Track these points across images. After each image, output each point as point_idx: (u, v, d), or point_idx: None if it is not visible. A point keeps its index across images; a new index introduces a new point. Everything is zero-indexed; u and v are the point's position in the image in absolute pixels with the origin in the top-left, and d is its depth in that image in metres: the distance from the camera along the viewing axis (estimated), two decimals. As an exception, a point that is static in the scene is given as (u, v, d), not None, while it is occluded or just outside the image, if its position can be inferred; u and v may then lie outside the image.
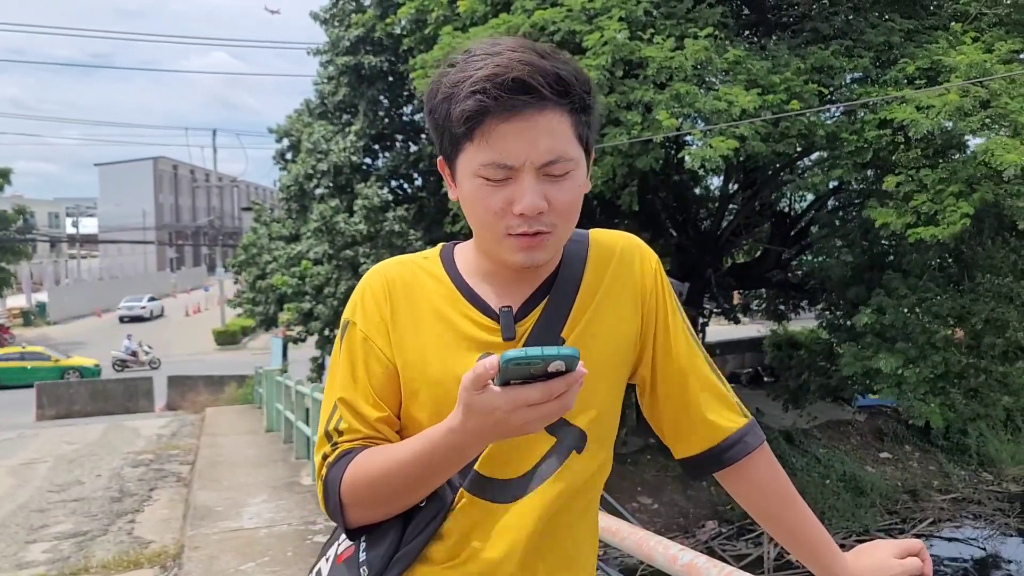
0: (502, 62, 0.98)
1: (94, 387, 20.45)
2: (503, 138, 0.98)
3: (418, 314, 1.10)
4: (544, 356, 0.83)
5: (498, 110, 0.97)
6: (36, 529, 7.65)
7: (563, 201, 1.02)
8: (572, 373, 0.86)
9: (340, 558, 1.09)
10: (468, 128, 0.99)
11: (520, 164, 0.99)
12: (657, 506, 13.12)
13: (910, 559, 1.14)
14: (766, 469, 1.17)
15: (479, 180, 1.01)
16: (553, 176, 1.01)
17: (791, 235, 15.55)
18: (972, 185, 8.55)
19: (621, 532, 2.12)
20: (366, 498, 1.03)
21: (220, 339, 32.61)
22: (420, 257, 1.16)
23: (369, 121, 15.46)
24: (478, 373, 0.86)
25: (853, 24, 10.75)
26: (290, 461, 9.80)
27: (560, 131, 1.00)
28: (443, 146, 1.06)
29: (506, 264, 1.06)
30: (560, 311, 1.09)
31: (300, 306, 15.11)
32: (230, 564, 5.60)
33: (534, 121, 0.98)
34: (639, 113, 9.31)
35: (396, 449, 1.02)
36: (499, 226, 1.02)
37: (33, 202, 57.45)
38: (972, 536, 13.43)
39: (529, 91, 0.97)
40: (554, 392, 0.86)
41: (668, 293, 1.17)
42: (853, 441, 16.52)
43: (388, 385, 1.09)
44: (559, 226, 1.03)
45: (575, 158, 1.03)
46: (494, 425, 0.89)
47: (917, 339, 9.68)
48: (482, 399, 0.87)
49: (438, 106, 1.03)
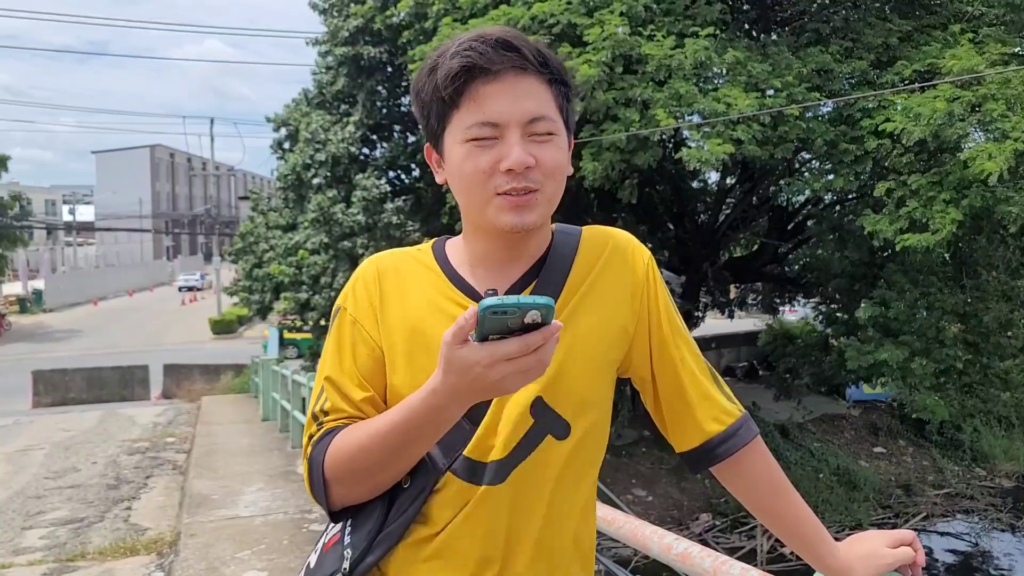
0: (483, 30, 1.05)
1: (90, 375, 20.42)
2: (488, 98, 1.03)
3: (407, 300, 1.13)
4: (520, 304, 0.85)
5: (486, 64, 1.02)
6: (32, 515, 7.66)
7: (549, 159, 1.06)
8: (548, 326, 0.87)
9: (327, 546, 1.11)
10: (455, 90, 1.04)
11: (506, 122, 1.03)
12: (651, 498, 13.17)
13: (902, 548, 1.16)
14: (760, 462, 1.20)
15: (468, 145, 1.05)
16: (538, 136, 1.05)
17: (788, 229, 15.57)
18: (962, 191, 8.56)
19: (616, 522, 2.13)
20: (347, 473, 1.05)
21: (216, 328, 32.57)
22: (414, 249, 1.20)
23: (367, 112, 15.43)
24: (459, 326, 0.88)
25: (852, 24, 10.73)
26: (286, 450, 9.82)
27: (542, 95, 1.06)
28: (430, 125, 1.10)
29: (495, 229, 1.08)
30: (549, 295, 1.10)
31: (297, 296, 15.11)
32: (226, 551, 5.62)
33: (515, 83, 1.04)
34: (637, 110, 9.30)
35: (375, 420, 1.04)
36: (488, 186, 1.05)
37: (30, 189, 57.25)
38: (964, 531, 13.50)
39: (512, 49, 1.03)
40: (531, 345, 0.87)
41: (661, 290, 1.19)
42: (847, 435, 16.59)
43: (374, 367, 1.11)
44: (546, 185, 1.06)
45: (557, 123, 1.07)
46: (473, 381, 0.90)
47: (924, 333, 9.70)
48: (461, 353, 0.89)
49: (424, 83, 1.08)
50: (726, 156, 8.79)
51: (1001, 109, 8.32)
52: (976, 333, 10.03)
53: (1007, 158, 7.82)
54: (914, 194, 8.84)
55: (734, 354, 21.21)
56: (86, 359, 23.63)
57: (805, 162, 12.65)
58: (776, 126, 9.37)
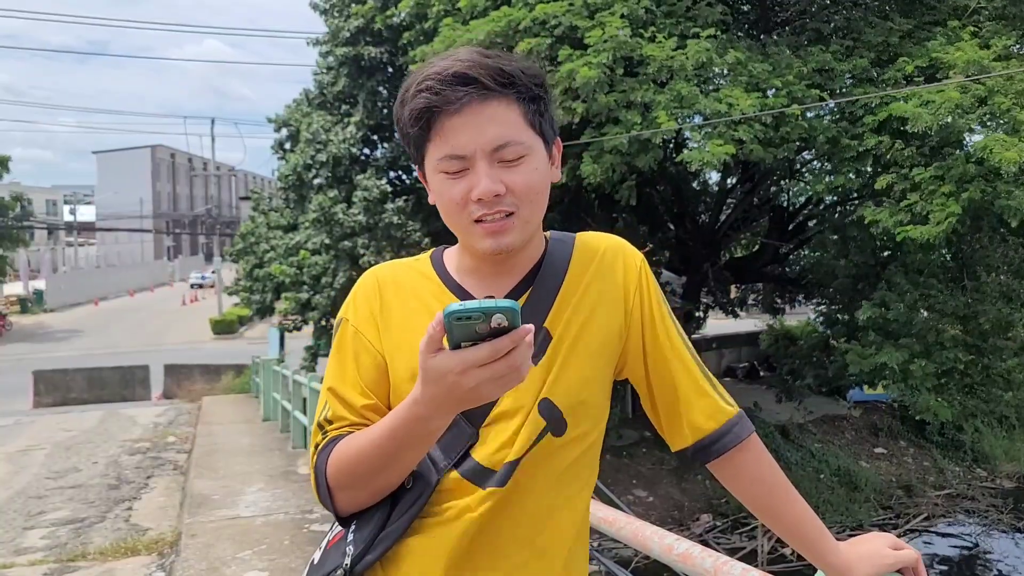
0: (446, 64, 1.05)
1: (90, 375, 20.43)
2: (453, 131, 1.06)
3: (407, 309, 1.15)
4: (483, 308, 0.85)
5: (443, 104, 1.04)
6: (33, 515, 7.67)
7: (520, 183, 1.07)
8: (516, 329, 0.87)
9: (331, 543, 1.14)
10: (422, 127, 1.07)
11: (471, 153, 1.06)
12: (652, 499, 13.17)
13: (905, 551, 1.17)
14: (756, 459, 1.21)
15: (440, 176, 1.09)
16: (507, 161, 1.07)
17: (789, 230, 15.56)
18: (963, 184, 8.56)
19: (617, 522, 2.14)
20: (348, 479, 1.07)
21: (217, 328, 32.59)
22: (412, 260, 1.24)
23: (368, 112, 15.43)
24: (430, 334, 0.89)
25: (852, 23, 10.73)
26: (287, 450, 9.83)
27: (507, 118, 1.07)
28: (412, 153, 1.14)
29: (479, 252, 1.11)
30: (543, 302, 1.14)
31: (298, 296, 15.11)
32: (227, 551, 5.62)
33: (478, 111, 1.05)
34: (638, 113, 9.29)
35: (372, 429, 1.06)
36: (464, 215, 1.08)
37: (31, 189, 57.27)
38: (966, 532, 13.49)
39: (469, 82, 1.04)
40: (500, 350, 0.87)
41: (654, 291, 1.21)
42: (848, 436, 16.58)
43: (377, 375, 1.14)
44: (522, 208, 1.08)
45: (527, 142, 1.08)
46: (449, 390, 0.90)
47: (924, 336, 9.69)
48: (435, 362, 0.89)
49: (399, 114, 1.11)
50: (728, 157, 8.78)
51: (1008, 103, 8.31)
52: (976, 334, 10.01)
53: (1021, 150, 7.80)
54: (916, 187, 8.82)
55: (735, 355, 21.20)
56: (87, 359, 23.65)
57: (806, 163, 12.66)
58: (778, 126, 9.37)
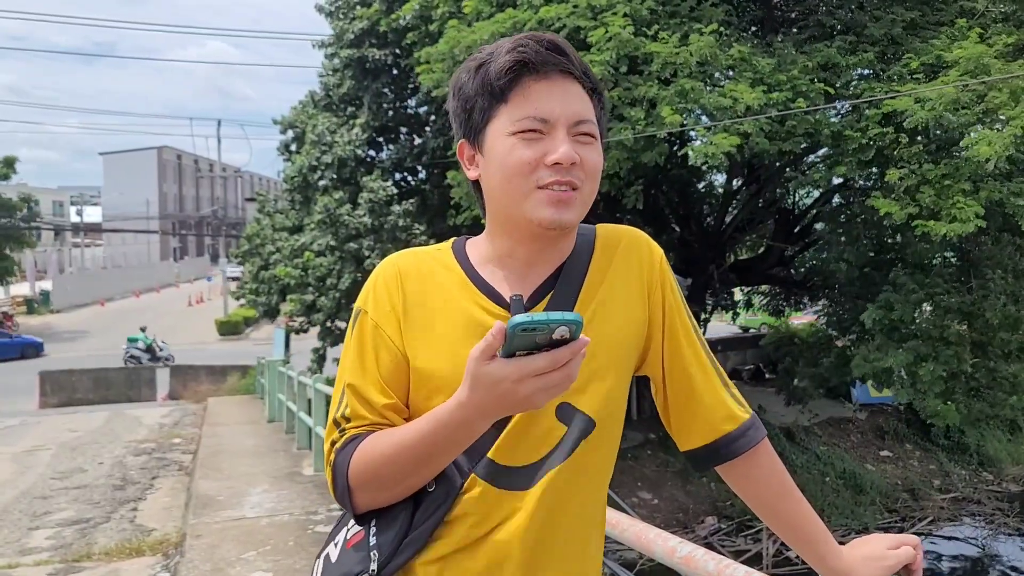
0: (535, 33, 1.09)
1: (96, 375, 20.50)
2: (539, 95, 1.07)
3: (429, 303, 1.12)
4: (549, 321, 0.85)
5: (536, 66, 1.07)
6: (39, 516, 7.69)
7: (591, 161, 1.09)
8: (575, 341, 0.88)
9: (350, 543, 1.10)
10: (506, 83, 1.07)
11: (555, 119, 1.07)
12: (657, 501, 13.15)
13: (903, 548, 1.17)
14: (766, 463, 1.20)
15: (514, 138, 1.07)
16: (583, 136, 1.08)
17: (795, 232, 15.54)
18: (977, 183, 8.53)
19: (620, 524, 2.13)
20: (372, 481, 1.05)
21: (222, 329, 32.67)
22: (433, 249, 1.19)
23: (373, 114, 15.47)
24: (487, 343, 0.89)
25: (857, 18, 10.72)
26: (292, 451, 9.84)
27: (586, 101, 1.11)
28: (472, 120, 1.11)
29: (532, 224, 1.08)
30: (568, 300, 1.12)
31: (303, 297, 15.14)
32: (231, 552, 5.63)
33: (564, 84, 1.09)
34: (643, 109, 9.30)
35: (402, 431, 1.04)
36: (531, 179, 1.06)
37: (37, 190, 57.44)
38: (971, 535, 13.45)
39: (562, 53, 1.08)
40: (559, 360, 0.88)
41: (673, 287, 1.20)
42: (854, 439, 16.54)
43: (397, 373, 1.11)
44: (586, 185, 1.09)
45: (597, 129, 1.12)
46: (500, 397, 0.91)
47: (928, 335, 9.66)
48: (489, 369, 0.89)
49: (468, 80, 1.11)
50: (733, 149, 8.76)
51: (1004, 98, 8.29)
52: (982, 333, 9.98)
53: (1005, 144, 7.79)
54: (927, 182, 8.79)
55: (740, 357, 21.17)
56: (93, 360, 23.73)
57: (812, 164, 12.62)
58: (783, 120, 9.37)
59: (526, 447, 1.07)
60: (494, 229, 1.14)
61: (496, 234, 1.14)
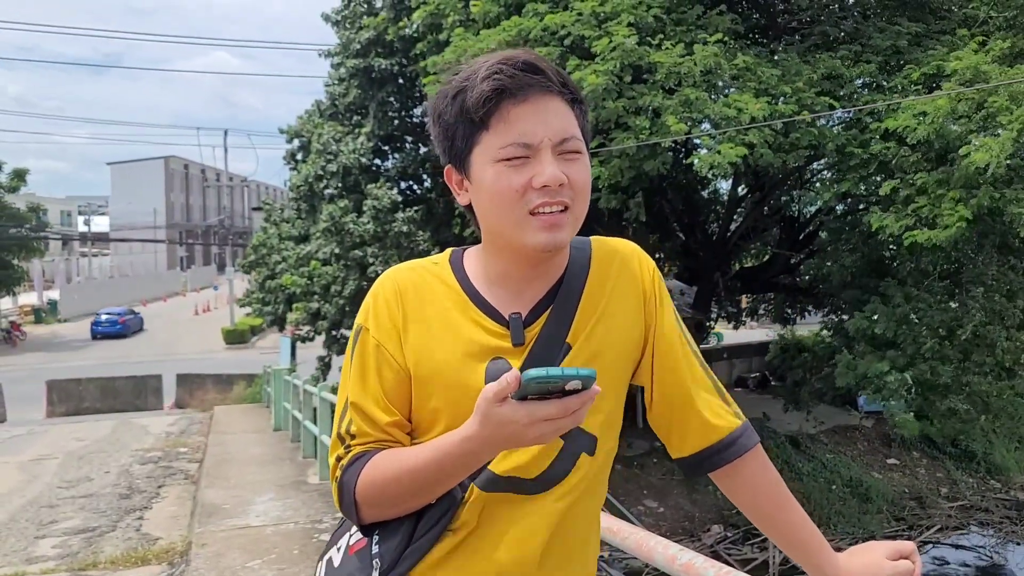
0: (508, 54, 1.07)
1: (103, 384, 20.55)
2: (520, 119, 1.06)
3: (429, 320, 1.13)
4: (564, 376, 0.88)
5: (513, 91, 1.05)
6: (45, 524, 7.72)
7: (579, 178, 1.09)
8: (587, 391, 0.91)
9: (352, 549, 1.13)
10: (486, 113, 1.06)
11: (538, 142, 1.06)
12: (663, 510, 13.12)
13: (902, 561, 1.16)
14: (759, 470, 1.21)
15: (499, 165, 1.06)
16: (568, 154, 1.08)
17: (799, 239, 15.51)
18: (971, 191, 8.51)
19: (622, 532, 2.14)
20: (379, 500, 1.08)
21: (229, 338, 32.73)
22: (430, 263, 1.20)
23: (379, 122, 15.52)
24: (501, 387, 0.91)
25: (861, 29, 10.73)
26: (297, 460, 9.85)
27: (567, 115, 1.09)
28: (454, 147, 1.11)
29: (529, 248, 1.08)
30: (566, 316, 1.13)
31: (308, 306, 15.18)
32: (237, 561, 5.64)
33: (544, 103, 1.07)
34: (647, 118, 9.32)
35: (409, 454, 1.06)
36: (521, 205, 1.06)
37: (46, 200, 57.71)
38: (979, 544, 13.37)
39: (538, 72, 1.06)
40: (570, 408, 0.91)
41: (665, 297, 1.21)
42: (860, 447, 16.47)
43: (399, 390, 1.12)
44: (576, 203, 1.09)
45: (582, 142, 1.11)
46: (509, 436, 0.94)
47: (907, 348, 9.65)
48: (501, 411, 0.92)
49: (447, 107, 1.09)
50: (739, 160, 8.77)
51: (1003, 103, 8.28)
52: (958, 348, 9.94)
53: (1003, 149, 7.77)
54: (921, 192, 8.79)
55: (746, 364, 21.11)
56: (100, 369, 23.79)
57: (817, 172, 12.63)
58: (788, 132, 9.37)
59: (527, 459, 1.09)
60: (490, 249, 1.15)
61: (492, 253, 1.15)
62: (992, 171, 7.87)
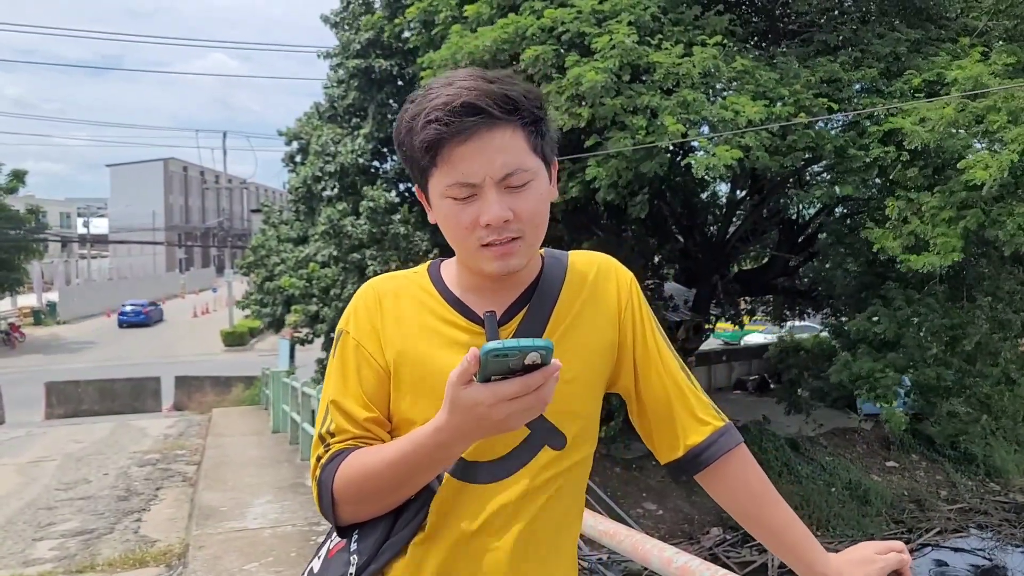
0: (452, 91, 1.07)
1: (102, 386, 20.55)
2: (462, 160, 1.07)
3: (407, 321, 1.17)
4: (520, 347, 0.90)
5: (453, 134, 1.06)
6: (43, 527, 7.70)
7: (526, 209, 1.10)
8: (547, 366, 0.92)
9: (332, 552, 1.15)
10: (431, 156, 1.08)
11: (480, 181, 1.07)
12: (662, 512, 13.11)
13: (892, 553, 1.18)
14: (743, 469, 1.22)
15: (448, 200, 1.10)
16: (514, 187, 1.09)
17: (799, 242, 15.53)
18: (962, 210, 8.50)
19: (618, 535, 2.14)
20: (355, 496, 1.09)
21: (228, 340, 32.73)
22: (410, 272, 1.25)
23: (378, 124, 15.53)
24: (463, 367, 0.92)
25: (860, 34, 10.73)
26: (295, 462, 9.84)
27: (514, 145, 1.09)
28: (414, 175, 1.15)
29: (485, 274, 1.13)
30: (540, 318, 1.17)
31: (307, 308, 15.18)
32: (234, 563, 5.63)
33: (487, 140, 1.07)
34: (645, 118, 9.33)
35: (384, 449, 1.08)
36: (472, 239, 1.10)
37: (45, 202, 57.79)
38: (979, 547, 13.37)
39: (478, 112, 1.06)
40: (531, 385, 0.92)
41: (644, 308, 1.25)
42: (859, 449, 16.47)
43: (379, 388, 1.15)
44: (527, 232, 1.11)
45: (532, 168, 1.11)
46: (477, 420, 0.95)
47: (910, 352, 9.65)
48: (466, 394, 0.93)
49: (404, 140, 1.12)
50: (734, 162, 8.79)
51: (1003, 121, 8.28)
52: (962, 357, 9.95)
53: (1002, 167, 7.77)
54: (919, 212, 8.80)
55: (745, 367, 21.12)
56: (99, 371, 23.78)
57: (816, 175, 12.63)
58: (785, 135, 9.37)
59: (493, 446, 1.12)
60: (460, 261, 1.19)
61: (463, 267, 1.19)
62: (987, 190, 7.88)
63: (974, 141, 8.61)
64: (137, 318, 39.02)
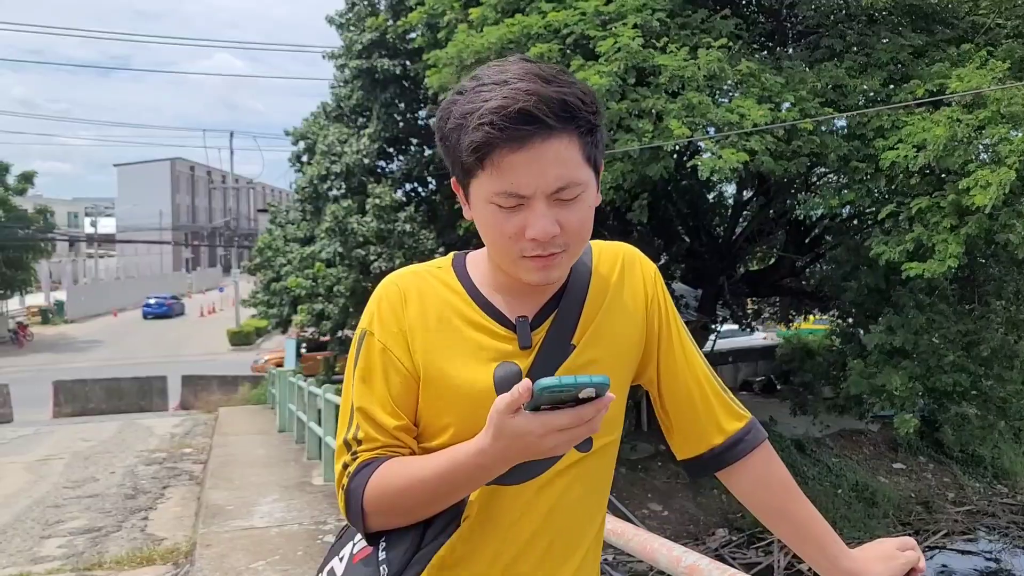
0: (508, 93, 0.99)
1: (109, 385, 20.63)
2: (513, 168, 1.00)
3: (435, 323, 1.12)
4: (577, 384, 0.87)
5: (505, 140, 0.99)
6: (51, 524, 7.74)
7: (575, 223, 1.04)
8: (601, 399, 0.90)
9: (356, 557, 1.11)
10: (478, 158, 1.01)
11: (531, 193, 1.01)
12: (667, 513, 13.09)
13: (909, 552, 1.18)
14: (768, 464, 1.21)
15: (492, 206, 1.03)
16: (564, 200, 1.03)
17: (805, 243, 15.48)
18: (963, 217, 8.44)
19: (626, 534, 2.14)
20: (387, 509, 1.06)
21: (234, 339, 32.80)
22: (433, 267, 1.18)
23: (383, 124, 15.55)
24: (513, 398, 0.89)
25: (866, 39, 10.66)
26: (302, 461, 9.86)
27: (568, 157, 1.02)
28: (455, 171, 1.08)
29: (523, 281, 1.09)
30: (570, 319, 1.13)
31: (312, 307, 15.21)
32: (241, 562, 5.65)
33: (542, 150, 1.00)
34: (650, 121, 9.30)
35: (420, 464, 1.04)
36: (514, 249, 1.05)
37: (53, 202, 57.86)
38: (986, 549, 13.31)
39: (535, 121, 0.99)
40: (584, 418, 0.90)
41: (667, 300, 1.22)
42: (866, 451, 16.42)
43: (406, 394, 1.10)
44: (572, 245, 1.06)
45: (584, 181, 1.04)
46: (524, 448, 0.93)
47: (926, 360, 9.61)
48: (514, 423, 0.91)
49: (449, 134, 1.05)
50: (740, 165, 8.76)
51: (1003, 132, 8.23)
52: (978, 361, 9.89)
53: (1002, 185, 7.72)
54: (917, 218, 8.77)
55: (751, 368, 21.07)
56: (106, 370, 23.86)
57: (822, 176, 12.58)
58: (790, 140, 9.34)
59: None
60: (492, 260, 1.14)
61: (495, 266, 1.14)
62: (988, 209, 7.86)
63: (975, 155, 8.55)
64: (160, 309, 43.57)
